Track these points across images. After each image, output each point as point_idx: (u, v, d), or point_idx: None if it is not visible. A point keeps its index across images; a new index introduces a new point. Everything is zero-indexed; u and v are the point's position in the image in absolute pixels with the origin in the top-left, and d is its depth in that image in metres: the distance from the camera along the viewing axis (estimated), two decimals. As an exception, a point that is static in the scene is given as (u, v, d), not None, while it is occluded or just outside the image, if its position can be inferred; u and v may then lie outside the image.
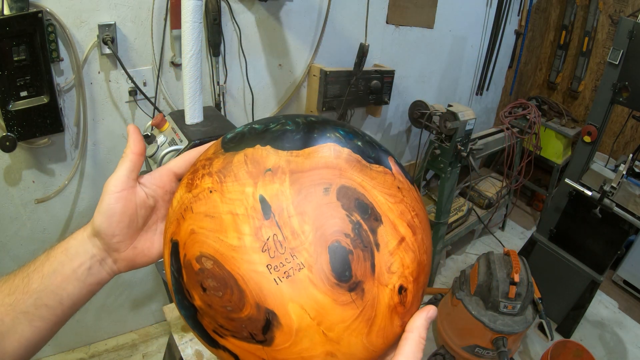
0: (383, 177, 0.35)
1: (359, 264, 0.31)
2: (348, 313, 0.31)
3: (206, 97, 1.59)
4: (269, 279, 0.30)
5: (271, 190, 0.32)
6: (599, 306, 2.37)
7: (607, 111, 1.82)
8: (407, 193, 0.37)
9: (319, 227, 0.31)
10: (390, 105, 2.24)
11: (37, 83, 1.16)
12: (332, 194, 0.32)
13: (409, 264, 0.34)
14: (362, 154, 0.36)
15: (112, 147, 1.47)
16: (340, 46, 1.90)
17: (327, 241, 0.31)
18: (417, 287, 0.35)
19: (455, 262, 2.62)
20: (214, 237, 0.32)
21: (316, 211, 0.32)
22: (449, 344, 1.79)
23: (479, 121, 2.87)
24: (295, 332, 0.31)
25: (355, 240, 0.32)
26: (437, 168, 2.12)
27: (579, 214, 2.00)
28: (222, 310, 0.32)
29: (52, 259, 0.40)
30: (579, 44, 2.92)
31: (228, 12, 1.49)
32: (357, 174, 0.34)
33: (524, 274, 1.60)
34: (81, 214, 1.50)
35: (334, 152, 0.35)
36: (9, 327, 0.38)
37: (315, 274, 0.31)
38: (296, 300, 0.30)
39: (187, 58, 0.88)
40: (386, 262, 0.33)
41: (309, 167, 0.33)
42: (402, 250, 0.34)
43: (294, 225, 0.31)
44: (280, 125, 0.37)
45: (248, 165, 0.34)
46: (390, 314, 0.33)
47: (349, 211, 0.32)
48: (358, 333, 0.32)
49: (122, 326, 1.85)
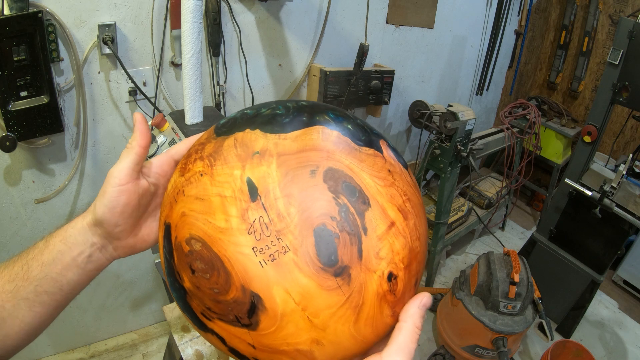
0: (373, 160, 0.34)
1: (346, 248, 0.31)
2: (334, 299, 0.31)
3: (206, 97, 1.59)
4: (254, 262, 0.30)
5: (258, 172, 0.32)
6: (599, 306, 2.37)
7: (607, 111, 1.82)
8: (398, 177, 0.35)
9: (304, 209, 0.31)
10: (390, 105, 2.24)
11: (37, 83, 1.16)
12: (319, 176, 0.32)
13: (400, 250, 0.33)
14: (352, 136, 0.35)
15: (112, 147, 1.47)
16: (340, 46, 1.90)
17: (312, 224, 0.31)
18: (409, 275, 0.34)
19: (455, 262, 2.62)
20: (203, 219, 0.32)
21: (302, 193, 0.31)
22: (449, 344, 1.79)
23: (479, 121, 2.88)
24: (280, 317, 0.31)
25: (341, 223, 0.31)
26: (437, 168, 2.12)
27: (579, 214, 2.00)
28: (210, 292, 0.32)
29: (51, 247, 0.41)
30: (579, 44, 2.92)
31: (228, 12, 1.49)
32: (345, 156, 0.33)
33: (524, 274, 1.60)
34: (81, 214, 1.50)
35: (322, 135, 0.34)
36: (10, 313, 0.39)
37: (301, 257, 0.30)
38: (281, 283, 0.30)
39: (187, 58, 0.88)
40: (374, 247, 0.32)
41: (296, 149, 0.33)
42: (392, 235, 0.32)
43: (279, 207, 0.31)
44: (270, 109, 0.37)
45: (237, 148, 0.34)
46: (379, 302, 0.32)
47: (335, 194, 0.32)
48: (345, 320, 0.31)
49: (122, 326, 1.85)
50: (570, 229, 2.07)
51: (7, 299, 0.39)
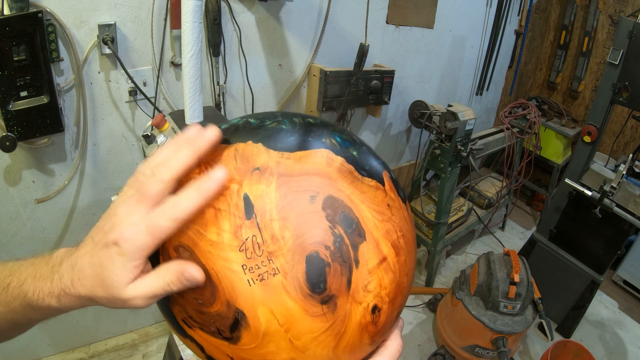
0: (374, 193, 0.35)
1: (335, 278, 0.31)
2: (317, 325, 0.31)
3: (206, 97, 1.59)
4: (242, 279, 0.30)
5: (257, 190, 0.31)
6: (599, 306, 2.37)
7: (607, 111, 1.82)
8: (396, 212, 0.36)
9: (299, 235, 0.31)
10: (390, 105, 2.24)
11: (37, 83, 1.16)
12: (318, 203, 0.32)
13: (387, 285, 0.33)
14: (356, 165, 0.35)
15: (112, 147, 1.47)
16: (340, 46, 1.90)
17: (305, 250, 0.31)
18: (392, 309, 0.35)
19: (455, 262, 2.62)
20: (194, 229, 0.32)
21: (299, 219, 0.31)
22: (449, 344, 1.79)
23: (479, 121, 2.88)
24: (262, 335, 0.31)
25: (334, 253, 0.31)
26: (437, 168, 2.12)
27: (579, 214, 2.00)
28: (193, 302, 0.32)
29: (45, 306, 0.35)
30: (579, 44, 2.92)
31: (228, 12, 1.49)
32: (347, 186, 0.33)
33: (524, 274, 1.60)
34: (81, 214, 1.50)
35: (327, 160, 0.34)
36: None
37: (289, 281, 0.30)
38: (267, 304, 0.30)
39: (187, 58, 0.88)
40: (363, 280, 0.32)
41: (298, 171, 0.32)
42: (382, 270, 0.33)
43: (274, 229, 0.31)
44: (276, 122, 0.36)
45: (237, 160, 0.33)
46: (360, 331, 0.33)
47: (332, 223, 0.31)
48: (325, 346, 0.32)
49: (122, 326, 1.85)
50: (570, 229, 2.07)
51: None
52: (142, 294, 0.31)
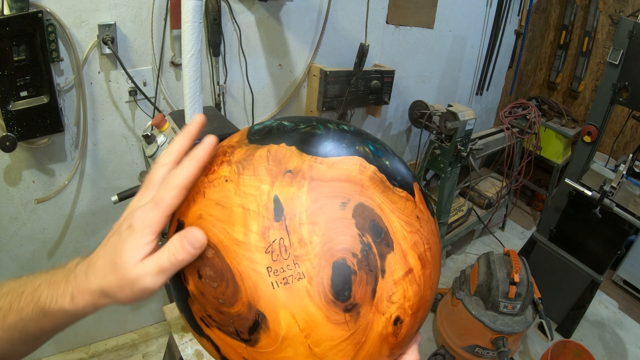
0: (404, 203, 0.34)
1: (360, 287, 0.31)
2: (338, 333, 0.31)
3: (206, 97, 1.59)
4: (266, 281, 0.30)
5: (287, 192, 0.31)
6: (599, 306, 2.37)
7: (607, 111, 1.82)
8: (425, 224, 0.36)
9: (327, 240, 0.31)
10: (390, 105, 2.24)
11: (37, 83, 1.16)
12: (349, 210, 0.32)
13: (411, 297, 0.33)
14: (388, 174, 0.35)
15: (112, 147, 1.47)
16: (340, 46, 1.90)
17: (333, 256, 0.30)
18: (413, 321, 0.34)
19: (455, 262, 2.62)
20: (220, 227, 0.32)
21: (328, 224, 0.31)
22: (449, 344, 1.79)
23: (479, 121, 2.88)
24: (282, 339, 0.31)
25: (361, 261, 0.31)
26: (437, 168, 2.12)
27: (579, 214, 2.00)
28: (214, 302, 0.32)
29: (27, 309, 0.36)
30: (579, 44, 2.92)
31: (228, 12, 1.49)
32: (379, 195, 0.33)
33: (524, 274, 1.60)
34: (81, 214, 1.50)
35: (359, 167, 0.34)
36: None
37: (314, 286, 0.30)
38: (289, 308, 0.30)
39: (187, 58, 0.88)
40: (388, 290, 0.32)
41: (330, 177, 0.32)
42: (407, 282, 0.33)
43: (303, 233, 0.30)
44: (310, 127, 0.36)
45: (269, 162, 0.33)
46: (380, 342, 0.32)
47: (361, 231, 0.31)
48: (344, 355, 0.31)
49: (122, 326, 1.85)
50: (570, 229, 2.07)
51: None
52: (150, 269, 0.31)
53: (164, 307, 1.13)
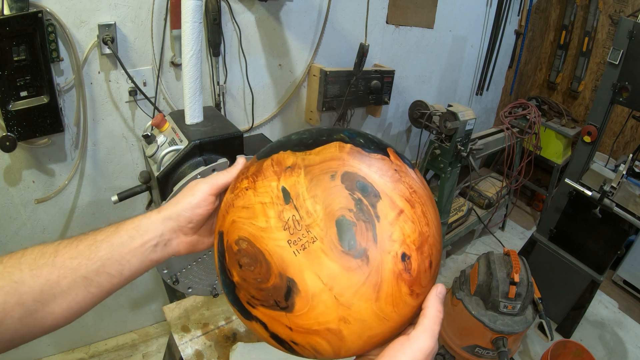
0: (381, 163, 0.41)
1: (362, 234, 0.37)
2: (355, 278, 0.36)
3: (206, 97, 1.59)
4: (289, 252, 0.38)
5: (290, 182, 0.40)
6: (599, 306, 2.37)
7: (607, 111, 1.82)
8: (404, 174, 0.41)
9: (327, 205, 0.38)
10: (390, 105, 2.24)
11: (37, 83, 1.16)
12: (337, 179, 0.39)
13: (410, 234, 0.38)
14: (363, 147, 0.42)
15: (112, 147, 1.47)
16: (340, 46, 1.90)
17: (334, 216, 0.38)
18: (421, 257, 0.38)
19: (455, 262, 2.62)
20: (248, 223, 0.40)
21: (325, 193, 0.39)
22: (449, 344, 1.79)
23: (479, 121, 2.88)
24: (311, 297, 0.36)
25: (357, 213, 0.38)
26: (437, 168, 2.12)
27: (579, 214, 2.00)
28: (254, 282, 0.39)
29: (123, 232, 0.45)
30: (579, 44, 2.92)
31: (228, 12, 1.49)
32: (358, 162, 0.40)
33: (524, 274, 1.60)
34: (81, 214, 1.50)
35: (339, 148, 0.41)
36: (64, 290, 0.41)
37: (326, 244, 0.37)
38: (311, 268, 0.37)
39: (187, 58, 0.88)
40: (387, 231, 0.37)
41: (319, 161, 0.41)
42: (402, 220, 0.38)
43: (308, 206, 0.39)
44: (298, 136, 0.45)
45: (274, 166, 0.42)
46: (396, 280, 0.37)
47: (351, 191, 0.38)
48: (367, 298, 0.36)
49: (122, 326, 1.85)
50: (570, 229, 2.07)
51: (66, 274, 0.41)
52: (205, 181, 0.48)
53: (164, 307, 1.13)
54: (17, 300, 0.38)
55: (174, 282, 0.89)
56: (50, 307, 0.40)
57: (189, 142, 0.83)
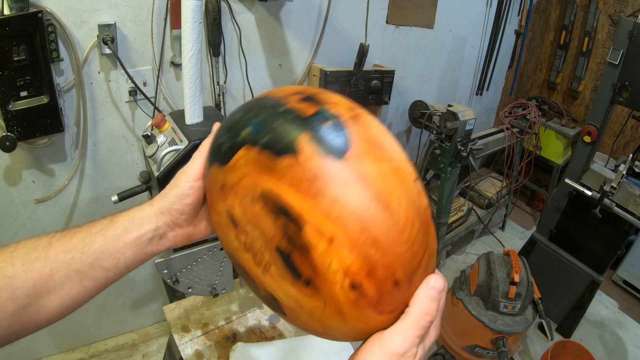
0: (291, 172, 0.32)
1: (302, 263, 0.32)
2: (315, 303, 0.33)
3: (206, 97, 1.59)
4: (259, 271, 0.37)
5: (229, 204, 0.38)
6: (599, 306, 2.37)
7: (607, 111, 1.82)
8: (325, 182, 0.30)
9: (262, 232, 0.35)
10: (390, 105, 2.24)
11: (37, 83, 1.16)
12: (257, 203, 0.34)
13: (350, 263, 0.30)
14: (270, 147, 0.33)
15: (112, 147, 1.47)
16: (340, 46, 1.90)
17: (272, 244, 0.34)
18: (377, 281, 0.31)
19: (455, 262, 2.62)
20: (226, 238, 0.42)
21: (255, 219, 0.35)
22: (449, 344, 1.79)
23: (479, 121, 2.88)
24: (292, 311, 0.36)
25: (289, 242, 0.33)
26: (437, 168, 2.12)
27: (579, 214, 2.00)
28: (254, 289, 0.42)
29: (117, 225, 0.44)
30: (579, 44, 2.92)
31: (228, 12, 1.49)
32: (268, 178, 0.33)
33: (524, 274, 1.60)
34: (81, 214, 1.50)
35: (246, 158, 0.35)
36: (57, 284, 0.40)
37: (279, 270, 0.35)
38: (279, 289, 0.35)
39: (187, 58, 0.88)
40: (323, 262, 0.31)
41: (236, 180, 0.36)
42: (335, 250, 0.30)
43: (249, 231, 0.36)
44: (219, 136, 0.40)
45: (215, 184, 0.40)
46: (356, 306, 0.32)
47: (276, 215, 0.33)
48: (334, 319, 0.33)
49: (122, 326, 1.85)
50: (570, 229, 2.07)
51: (59, 268, 0.40)
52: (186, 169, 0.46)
53: (164, 307, 1.13)
54: (9, 295, 0.38)
55: (174, 282, 0.89)
56: (44, 302, 0.40)
57: (189, 142, 0.83)
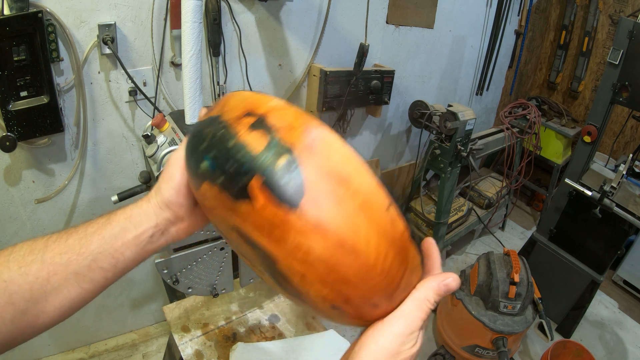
0: (251, 218, 0.30)
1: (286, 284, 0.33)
2: (306, 307, 0.35)
3: (206, 97, 1.59)
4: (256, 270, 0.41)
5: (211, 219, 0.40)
6: (599, 306, 2.37)
7: (607, 111, 1.82)
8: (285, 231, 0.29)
9: (246, 252, 0.36)
10: (390, 105, 2.24)
11: (37, 83, 1.16)
12: (233, 231, 0.34)
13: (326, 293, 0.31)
14: (227, 189, 0.31)
15: (112, 147, 1.47)
16: (340, 46, 1.90)
17: (257, 263, 0.35)
18: (354, 306, 0.32)
19: (455, 262, 2.62)
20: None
21: (236, 243, 0.36)
22: (449, 344, 1.79)
23: (479, 121, 2.88)
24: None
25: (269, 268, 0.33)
26: (437, 168, 2.12)
27: (579, 214, 2.00)
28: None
29: (115, 224, 0.42)
30: (579, 44, 2.92)
31: (228, 12, 1.49)
32: (234, 217, 0.31)
33: (524, 274, 1.60)
34: (81, 214, 1.50)
35: (211, 194, 0.33)
36: (55, 287, 0.39)
37: (270, 280, 0.36)
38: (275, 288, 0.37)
39: (187, 58, 0.88)
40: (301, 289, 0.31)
41: (208, 206, 0.36)
42: (308, 283, 0.30)
43: (237, 245, 0.37)
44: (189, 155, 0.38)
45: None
46: (341, 317, 0.34)
47: (251, 246, 0.32)
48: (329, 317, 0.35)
49: (122, 326, 1.85)
50: (570, 229, 2.07)
51: (56, 271, 0.39)
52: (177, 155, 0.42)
53: (164, 307, 1.13)
54: (7, 300, 0.37)
55: (174, 282, 0.89)
56: (42, 306, 0.38)
57: (189, 142, 0.83)
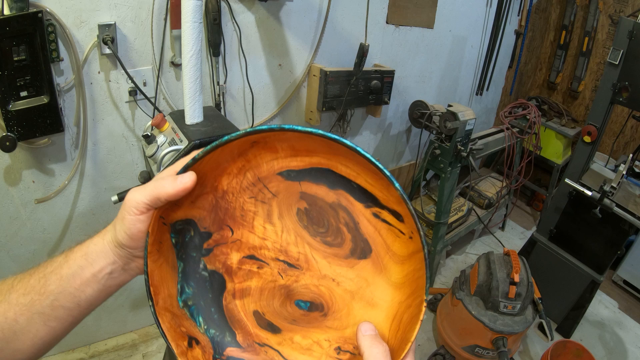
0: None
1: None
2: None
3: (206, 97, 1.59)
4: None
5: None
6: (599, 306, 2.37)
7: (607, 111, 1.82)
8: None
9: None
10: (390, 105, 2.24)
11: (37, 83, 1.16)
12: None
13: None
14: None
15: (112, 147, 1.47)
16: (340, 46, 1.90)
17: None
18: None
19: (455, 262, 2.62)
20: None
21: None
22: (449, 344, 1.79)
23: (479, 121, 2.88)
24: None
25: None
26: (437, 168, 2.12)
27: (579, 214, 2.00)
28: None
29: (71, 262, 0.41)
30: (579, 44, 2.92)
31: (228, 12, 1.49)
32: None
33: (524, 274, 1.60)
34: (81, 214, 1.50)
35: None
36: (23, 327, 0.39)
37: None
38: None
39: (187, 58, 0.88)
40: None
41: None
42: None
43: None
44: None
45: None
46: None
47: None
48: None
49: (122, 326, 1.85)
50: (570, 229, 2.07)
51: (21, 312, 0.38)
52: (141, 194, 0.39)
53: (164, 307, 1.13)
54: None
55: (174, 282, 0.88)
56: (15, 345, 0.38)
57: (189, 142, 0.83)
